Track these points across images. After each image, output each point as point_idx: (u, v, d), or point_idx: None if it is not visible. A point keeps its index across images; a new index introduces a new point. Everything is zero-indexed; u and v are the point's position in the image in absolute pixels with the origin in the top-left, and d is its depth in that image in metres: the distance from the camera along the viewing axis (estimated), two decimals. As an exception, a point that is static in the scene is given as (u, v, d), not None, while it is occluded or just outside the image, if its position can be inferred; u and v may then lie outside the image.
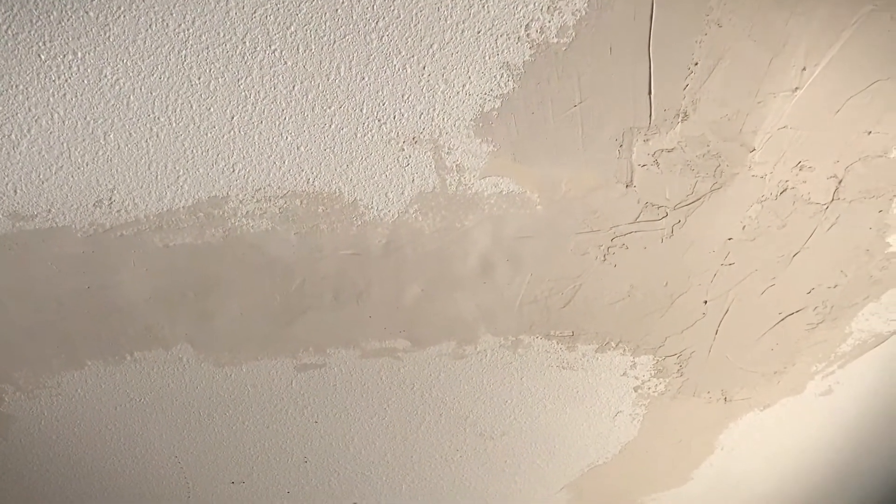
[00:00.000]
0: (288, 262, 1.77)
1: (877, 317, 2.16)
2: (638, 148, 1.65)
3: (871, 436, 2.61)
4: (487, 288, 1.91)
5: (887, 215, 1.86)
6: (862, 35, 1.48)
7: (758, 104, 1.59)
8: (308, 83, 1.44)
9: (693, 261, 1.93)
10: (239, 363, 2.00)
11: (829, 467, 2.73)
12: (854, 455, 2.68)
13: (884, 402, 2.52)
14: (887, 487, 2.82)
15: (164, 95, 1.41)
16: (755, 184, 1.75)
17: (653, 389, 2.31)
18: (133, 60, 1.35)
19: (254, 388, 2.08)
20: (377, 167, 1.61)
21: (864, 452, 2.67)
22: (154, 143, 1.48)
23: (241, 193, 1.60)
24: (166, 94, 1.41)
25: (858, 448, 2.66)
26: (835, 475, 2.77)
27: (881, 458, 2.70)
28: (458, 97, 1.50)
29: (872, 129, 1.66)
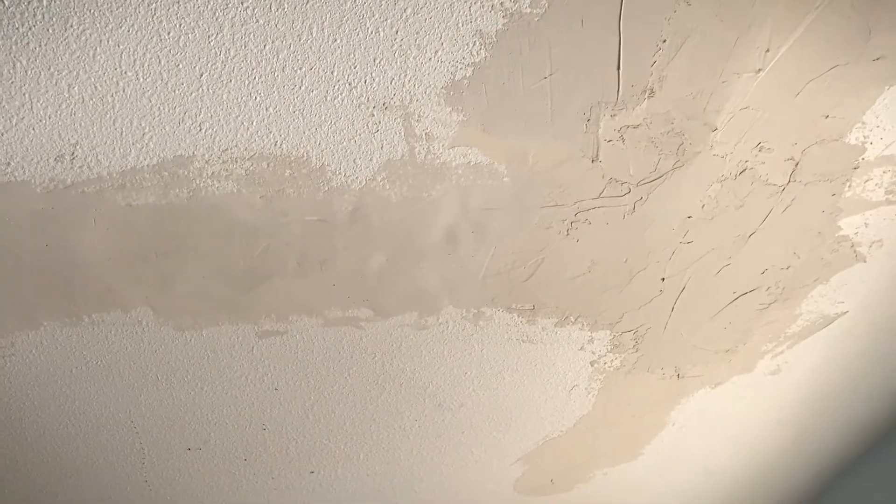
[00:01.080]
0: (253, 226, 1.76)
1: (826, 299, 2.24)
2: (605, 123, 1.67)
3: (815, 415, 2.71)
4: (452, 259, 1.93)
5: (840, 199, 1.93)
6: (823, 20, 1.52)
7: (722, 84, 1.63)
8: (279, 43, 1.43)
9: (653, 238, 1.97)
10: (200, 328, 1.99)
11: (776, 444, 2.83)
12: (799, 433, 2.78)
13: (827, 383, 2.61)
14: (829, 464, 2.93)
15: (131, 49, 1.38)
16: (716, 163, 1.80)
17: (609, 364, 2.36)
18: (101, 11, 1.32)
19: (214, 353, 2.06)
20: (346, 132, 1.60)
21: (809, 430, 2.77)
22: (120, 98, 1.45)
23: (207, 153, 1.59)
24: (134, 48, 1.38)
25: (803, 426, 2.76)
26: (781, 452, 2.87)
27: (824, 435, 2.81)
28: (430, 64, 1.50)
29: (830, 113, 1.71)
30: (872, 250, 2.09)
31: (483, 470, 2.72)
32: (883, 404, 2.70)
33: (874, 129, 1.76)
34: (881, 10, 1.51)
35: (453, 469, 2.68)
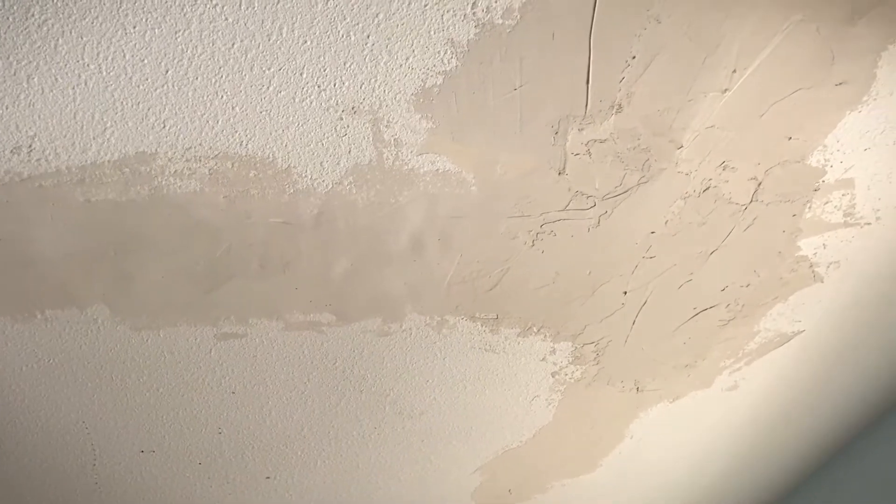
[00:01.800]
0: (215, 226, 1.73)
1: (783, 317, 2.27)
2: (572, 136, 1.68)
3: (772, 430, 2.75)
4: (417, 266, 1.92)
5: (800, 220, 1.96)
6: (789, 43, 1.55)
7: (689, 102, 1.65)
8: (248, 42, 1.41)
9: (617, 252, 1.99)
10: (157, 328, 1.95)
11: (733, 459, 2.87)
12: (756, 448, 2.82)
13: (784, 400, 2.65)
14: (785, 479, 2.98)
15: (95, 42, 1.35)
16: (680, 180, 1.82)
17: (569, 376, 2.37)
18: (64, 2, 1.29)
19: (171, 354, 2.03)
20: (314, 134, 1.59)
21: (766, 445, 2.81)
22: (81, 91, 1.42)
23: (170, 151, 1.56)
24: (98, 41, 1.35)
25: (760, 441, 2.80)
26: (738, 466, 2.91)
27: (781, 450, 2.85)
28: (401, 70, 1.50)
29: (793, 134, 1.74)
30: (830, 271, 2.13)
31: (442, 479, 2.70)
32: (837, 421, 2.76)
33: (835, 153, 1.80)
34: (845, 37, 1.55)
35: (412, 477, 2.66)
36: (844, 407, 2.70)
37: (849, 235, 2.03)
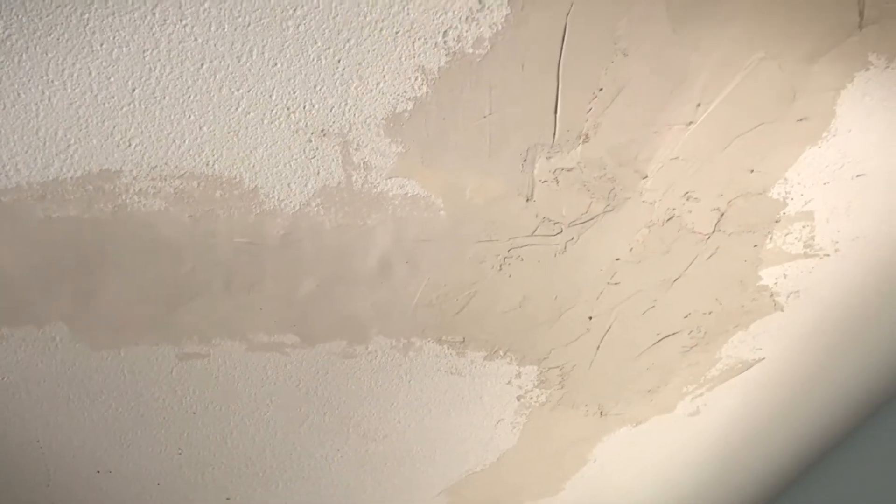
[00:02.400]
0: (179, 245, 1.71)
1: (745, 345, 2.31)
2: (540, 164, 1.70)
3: (733, 456, 2.78)
4: (384, 288, 1.92)
5: (762, 250, 2.00)
6: (753, 79, 1.59)
7: (654, 134, 1.67)
8: (218, 63, 1.40)
9: (582, 277, 2.00)
10: (117, 347, 1.92)
11: (695, 484, 2.89)
12: (717, 473, 2.85)
13: (745, 426, 2.69)
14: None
15: (60, 58, 1.34)
16: (645, 209, 1.84)
17: (535, 399, 2.38)
18: (29, 17, 1.27)
19: (131, 374, 1.99)
20: (282, 156, 1.58)
21: (727, 471, 2.84)
22: (45, 107, 1.40)
23: (135, 169, 1.54)
24: (63, 57, 1.34)
25: (721, 467, 2.82)
26: (699, 491, 2.94)
27: (742, 476, 2.88)
28: (372, 94, 1.50)
29: (755, 167, 1.78)
30: (790, 300, 2.17)
31: (405, 502, 2.68)
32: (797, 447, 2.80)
33: (795, 186, 1.84)
34: (806, 75, 1.59)
35: (375, 500, 2.64)
36: (804, 433, 2.74)
37: (808, 266, 2.07)
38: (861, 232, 1.99)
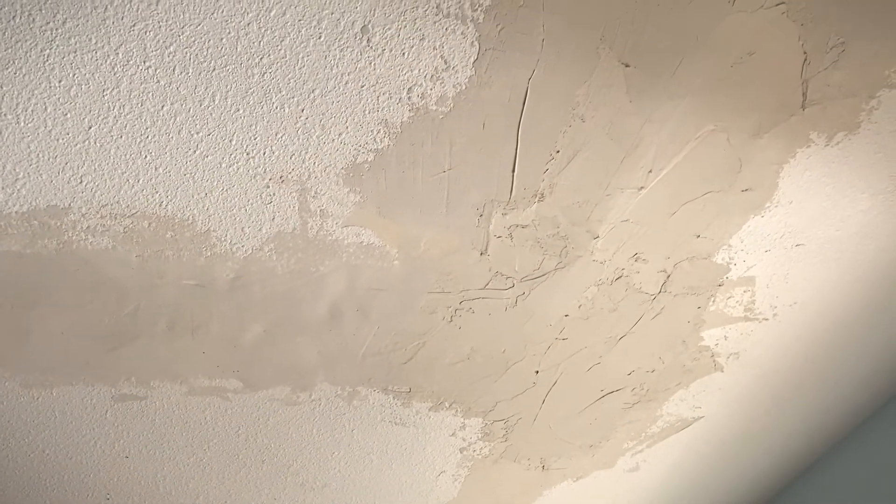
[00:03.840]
0: (124, 285, 1.66)
1: (685, 403, 2.35)
2: (496, 220, 1.72)
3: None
4: (333, 336, 1.90)
5: (704, 312, 2.05)
6: (702, 150, 1.65)
7: (606, 196, 1.72)
8: (179, 105, 1.39)
9: (531, 332, 2.02)
10: (50, 386, 1.84)
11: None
12: (651, 529, 2.87)
13: (682, 483, 2.73)
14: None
15: (15, 92, 1.30)
16: (595, 268, 1.88)
17: (478, 452, 2.37)
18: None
19: (62, 414, 1.91)
20: (238, 200, 1.56)
21: (660, 527, 2.87)
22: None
23: (84, 207, 1.50)
24: (19, 92, 1.30)
25: (655, 523, 2.85)
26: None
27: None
28: (333, 144, 1.50)
29: (701, 233, 1.84)
30: (730, 361, 2.23)
31: (340, 552, 2.62)
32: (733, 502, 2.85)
33: (739, 252, 1.90)
34: (752, 148, 1.66)
35: (309, 550, 2.57)
36: (741, 490, 2.80)
37: (748, 329, 2.14)
38: (798, 298, 2.07)
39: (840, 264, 1.97)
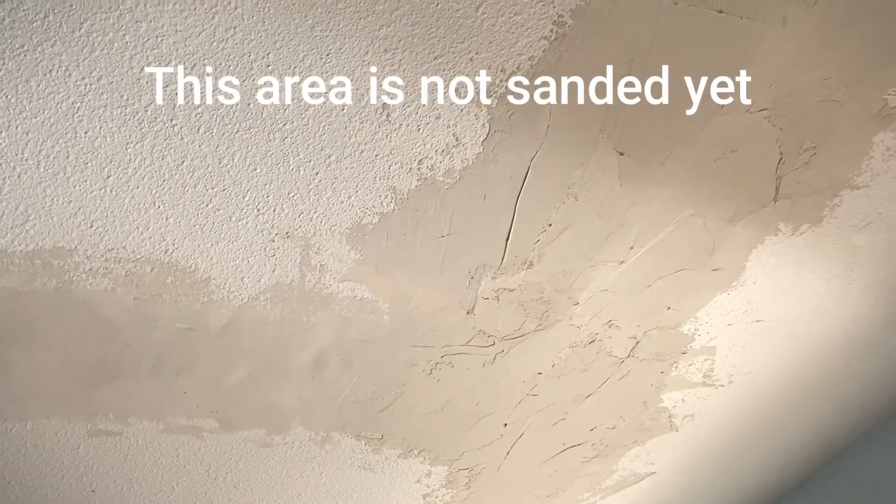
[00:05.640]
0: (117, 324, 1.68)
1: (640, 459, 2.47)
2: (486, 283, 1.80)
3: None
4: (314, 382, 1.94)
5: (667, 376, 2.18)
6: (680, 232, 1.77)
7: (590, 267, 1.82)
8: (198, 162, 1.43)
9: (505, 387, 2.10)
10: (25, 419, 1.82)
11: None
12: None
13: (627, 531, 2.83)
14: None
15: (40, 140, 1.33)
16: (571, 332, 1.98)
17: (440, 499, 2.42)
18: (18, 98, 1.27)
19: (34, 447, 1.89)
20: (242, 251, 1.61)
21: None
22: (11, 182, 1.37)
23: (90, 250, 1.52)
24: (44, 140, 1.33)
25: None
26: None
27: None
28: (342, 206, 1.57)
29: (672, 305, 1.96)
30: (685, 422, 2.36)
31: (294, 592, 2.62)
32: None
33: (704, 324, 2.03)
34: (725, 233, 1.79)
35: (264, 589, 2.56)
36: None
37: (705, 394, 2.27)
38: (753, 368, 2.21)
39: (795, 340, 2.12)
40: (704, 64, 1.46)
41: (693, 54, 1.44)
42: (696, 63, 1.46)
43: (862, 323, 2.10)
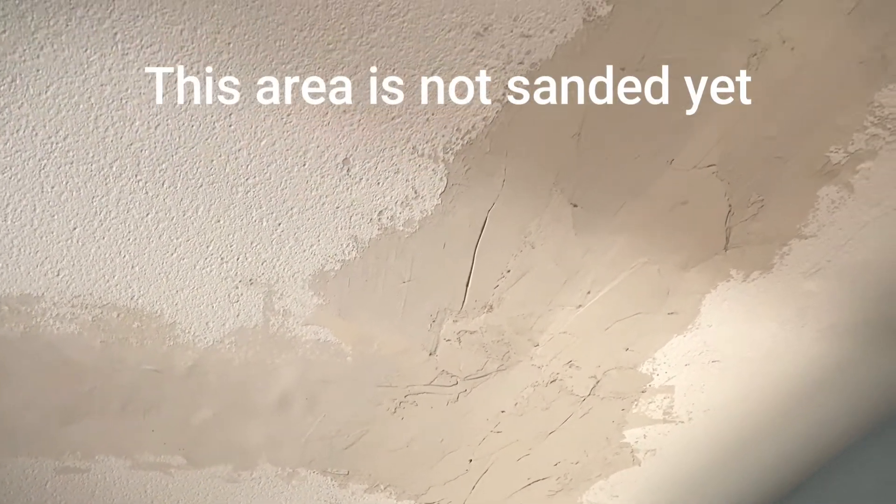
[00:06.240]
0: (84, 366, 1.71)
1: (604, 492, 2.51)
2: (447, 325, 1.85)
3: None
4: (280, 420, 1.98)
5: (628, 414, 2.23)
6: (635, 277, 1.83)
7: (548, 311, 1.88)
8: (163, 214, 1.48)
9: (469, 425, 2.15)
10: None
11: None
12: None
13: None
14: None
15: (7, 194, 1.37)
16: (533, 372, 2.03)
17: (407, 531, 2.46)
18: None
19: (2, 484, 1.91)
20: (206, 298, 1.65)
21: None
22: (-21, 233, 1.41)
23: (57, 296, 1.56)
24: (11, 194, 1.37)
25: None
26: None
27: None
28: (304, 255, 1.61)
29: (630, 347, 2.01)
30: (647, 457, 2.41)
31: None
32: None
33: (661, 364, 2.09)
34: (679, 279, 1.85)
35: None
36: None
37: (666, 430, 2.32)
38: (711, 405, 2.26)
39: (751, 380, 2.18)
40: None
41: (637, 121, 1.51)
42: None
43: (816, 364, 2.17)
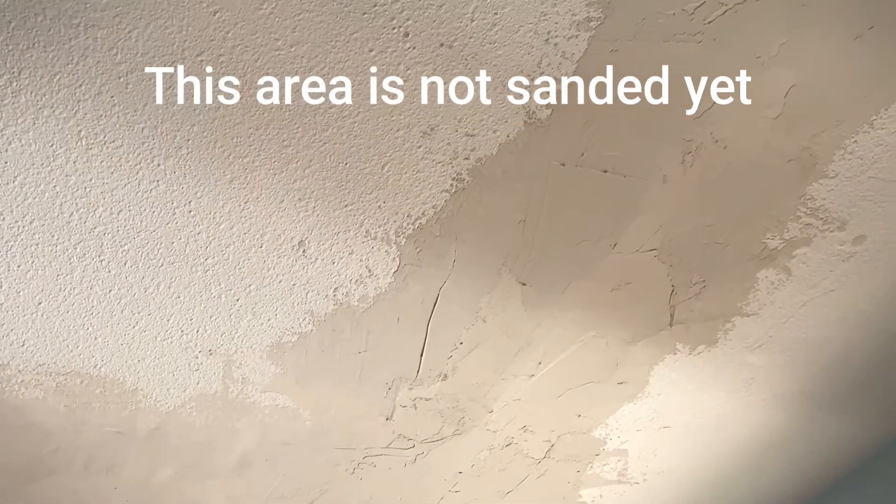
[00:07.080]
0: (48, 428, 1.77)
1: (562, 550, 2.56)
2: (403, 393, 1.92)
3: None
4: (240, 480, 2.03)
5: (583, 475, 2.29)
6: (584, 350, 1.91)
7: (501, 380, 1.95)
8: (124, 290, 1.54)
9: (427, 485, 2.20)
10: (-45, 515, 1.89)
11: None
12: None
13: None
14: None
15: (-25, 272, 1.44)
16: (488, 436, 2.09)
17: (368, 586, 2.49)
18: (-45, 238, 1.38)
19: (-37, 541, 1.95)
20: (167, 367, 1.71)
21: None
22: (-54, 307, 1.48)
23: (22, 364, 1.62)
24: (-22, 272, 1.44)
25: None
26: None
27: None
28: (262, 327, 1.68)
29: (582, 413, 2.08)
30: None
31: None
32: None
33: (614, 430, 2.15)
34: (627, 352, 1.93)
35: None
36: None
37: (621, 490, 2.38)
38: (665, 468, 2.33)
39: (702, 445, 2.25)
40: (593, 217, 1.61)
41: (580, 210, 1.59)
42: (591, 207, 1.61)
43: (764, 430, 2.24)
